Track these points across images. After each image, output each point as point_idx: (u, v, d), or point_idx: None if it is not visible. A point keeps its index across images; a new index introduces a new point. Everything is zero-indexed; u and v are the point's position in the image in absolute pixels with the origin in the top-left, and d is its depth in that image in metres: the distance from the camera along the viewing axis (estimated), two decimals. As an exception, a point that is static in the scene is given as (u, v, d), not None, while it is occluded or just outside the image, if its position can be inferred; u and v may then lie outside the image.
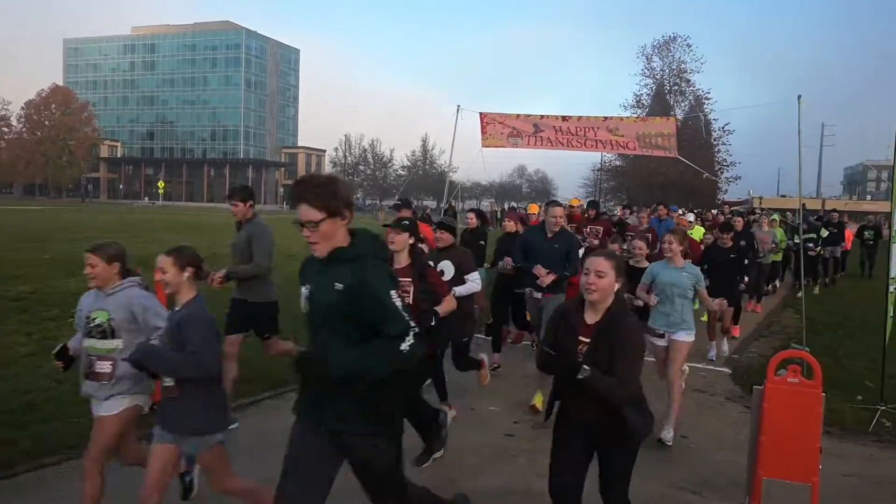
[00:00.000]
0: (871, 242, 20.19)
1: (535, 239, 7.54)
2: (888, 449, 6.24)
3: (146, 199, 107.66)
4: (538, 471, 5.50)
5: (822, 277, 17.90)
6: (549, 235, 7.36)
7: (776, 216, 16.43)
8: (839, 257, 19.10)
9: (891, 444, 6.35)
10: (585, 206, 13.06)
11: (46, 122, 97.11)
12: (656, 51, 60.36)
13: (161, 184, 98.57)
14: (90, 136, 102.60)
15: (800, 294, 10.56)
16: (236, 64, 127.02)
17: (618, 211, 20.45)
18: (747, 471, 4.82)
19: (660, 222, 12.97)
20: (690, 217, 15.59)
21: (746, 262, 10.36)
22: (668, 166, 48.62)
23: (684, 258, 6.69)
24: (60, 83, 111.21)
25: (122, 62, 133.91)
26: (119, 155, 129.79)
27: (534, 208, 14.31)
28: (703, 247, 11.20)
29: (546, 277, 7.02)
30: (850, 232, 20.84)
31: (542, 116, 11.37)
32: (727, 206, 26.86)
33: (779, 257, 15.62)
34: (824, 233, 15.83)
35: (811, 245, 15.52)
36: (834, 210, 21.34)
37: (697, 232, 13.18)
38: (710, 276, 8.35)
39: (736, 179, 58.90)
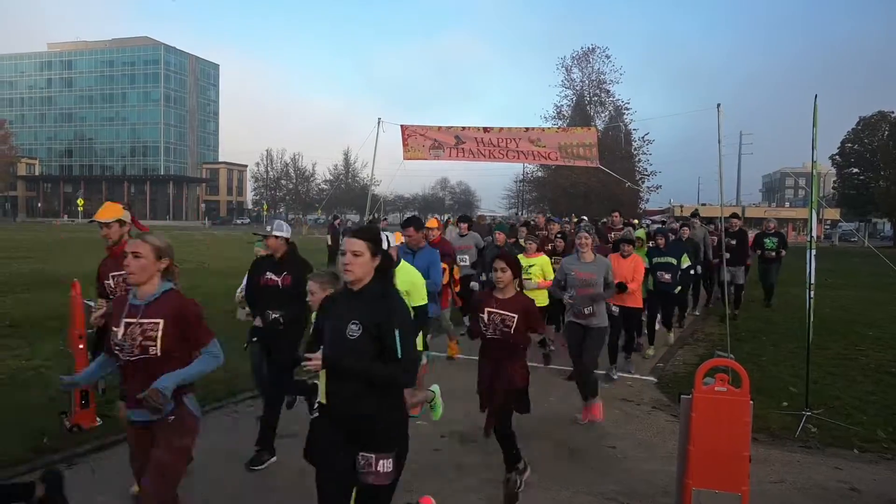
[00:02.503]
0: (774, 255, 14.64)
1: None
2: (815, 454, 6.22)
3: (65, 216, 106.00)
4: (467, 484, 5.33)
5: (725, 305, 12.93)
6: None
7: (642, 231, 12.41)
8: (742, 284, 14.28)
9: (817, 449, 6.34)
10: None
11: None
12: (576, 62, 60.83)
13: (80, 201, 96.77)
14: (7, 154, 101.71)
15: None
16: (155, 79, 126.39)
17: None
18: (677, 480, 4.74)
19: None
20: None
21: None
22: (590, 176, 49.19)
23: None
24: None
25: (39, 79, 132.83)
26: (37, 173, 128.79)
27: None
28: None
29: None
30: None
31: (463, 128, 11.24)
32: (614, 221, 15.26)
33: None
34: (685, 261, 11.08)
35: (667, 276, 10.39)
36: (734, 215, 14.55)
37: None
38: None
39: (657, 189, 59.69)
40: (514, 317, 5.14)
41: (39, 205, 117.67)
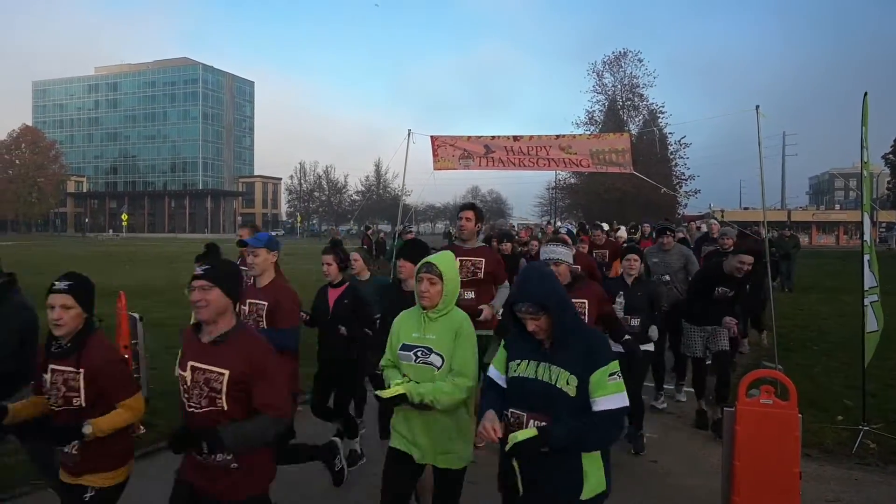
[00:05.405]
0: (730, 293, 7.05)
1: None
2: (873, 472, 5.85)
3: (111, 231, 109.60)
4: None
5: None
6: None
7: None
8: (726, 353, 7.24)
9: (877, 467, 5.95)
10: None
11: (17, 162, 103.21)
12: (607, 67, 60.26)
13: (125, 216, 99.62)
14: (58, 172, 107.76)
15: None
16: (194, 98, 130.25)
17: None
18: (722, 497, 4.57)
19: None
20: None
21: None
22: (625, 182, 48.59)
23: None
24: (30, 123, 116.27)
25: (87, 101, 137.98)
26: (85, 190, 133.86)
27: None
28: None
29: None
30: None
31: (493, 137, 11.05)
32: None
33: None
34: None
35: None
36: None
37: None
38: None
39: (695, 193, 58.29)
40: None
41: (87, 220, 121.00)
